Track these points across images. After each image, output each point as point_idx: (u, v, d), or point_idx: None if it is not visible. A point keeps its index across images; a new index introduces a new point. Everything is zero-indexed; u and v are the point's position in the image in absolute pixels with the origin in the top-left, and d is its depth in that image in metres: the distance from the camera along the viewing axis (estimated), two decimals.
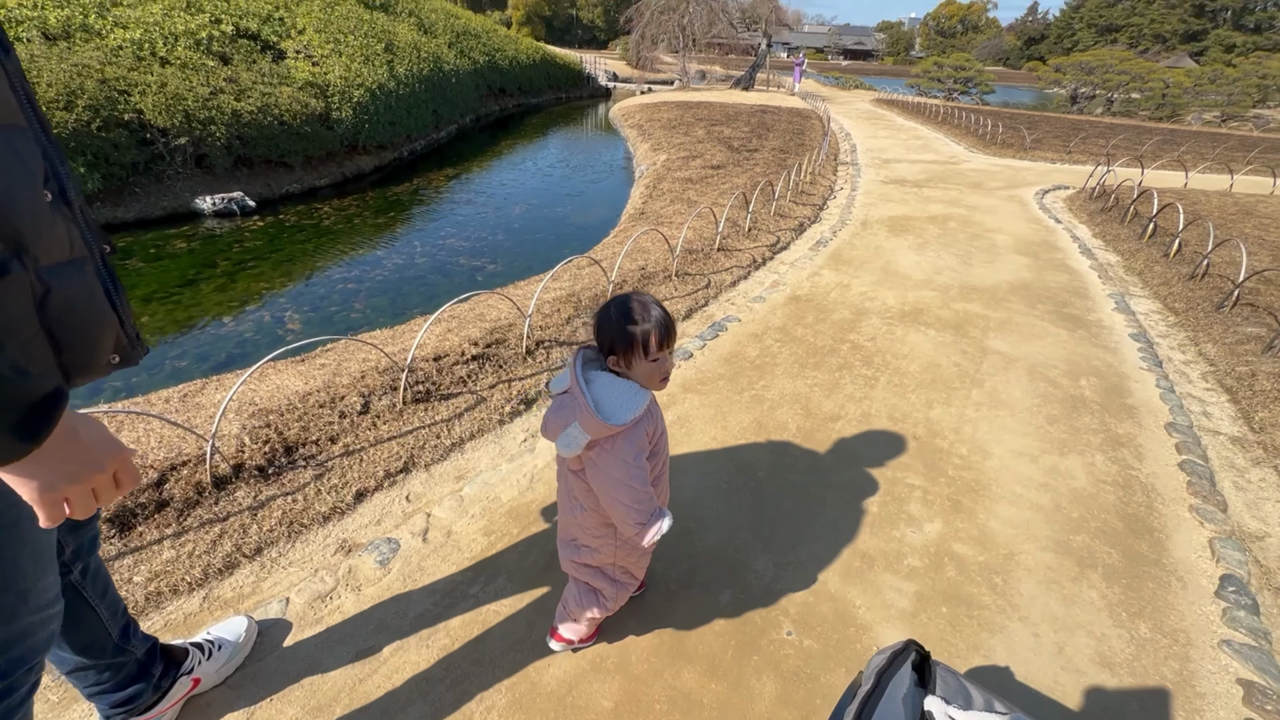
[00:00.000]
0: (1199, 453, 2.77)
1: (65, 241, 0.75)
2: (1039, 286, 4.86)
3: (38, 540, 0.90)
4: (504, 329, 3.34)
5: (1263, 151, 14.37)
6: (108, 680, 1.27)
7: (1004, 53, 75.06)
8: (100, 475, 0.78)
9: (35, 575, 0.90)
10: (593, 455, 1.33)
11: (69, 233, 0.75)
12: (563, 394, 1.36)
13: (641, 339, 1.31)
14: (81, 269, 0.77)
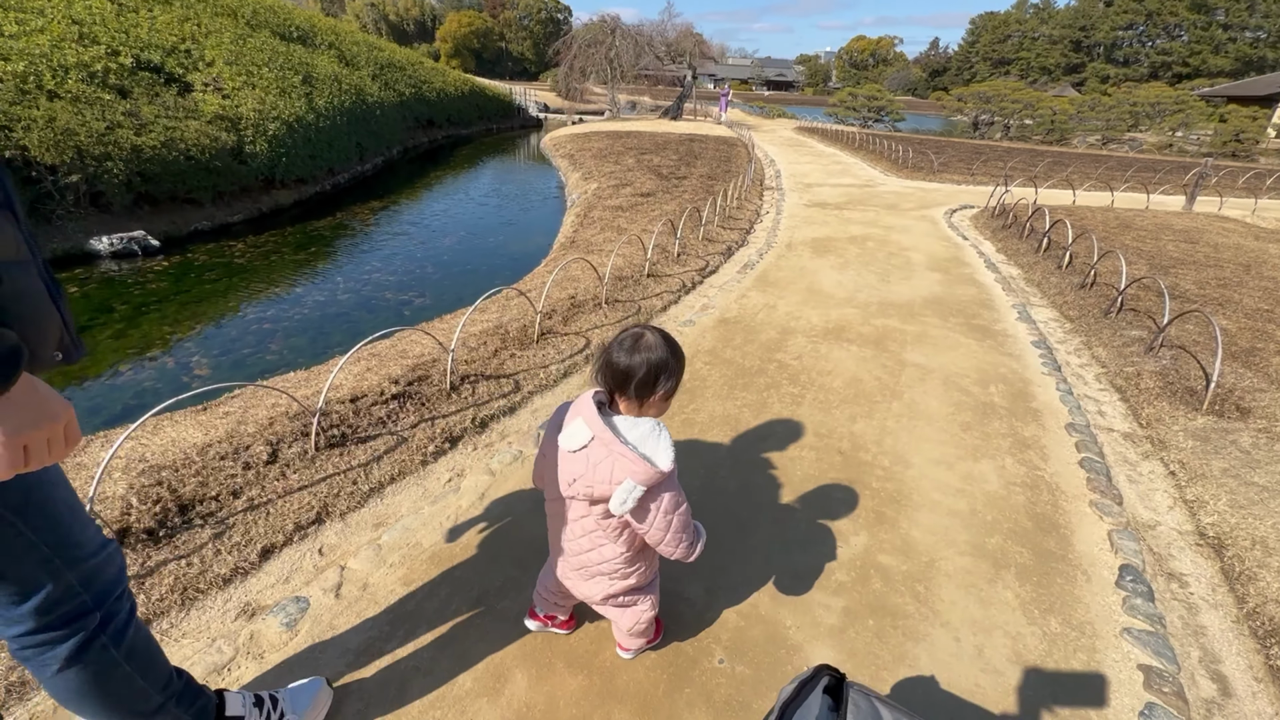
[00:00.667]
0: (1096, 450, 2.97)
1: (13, 243, 0.79)
2: (950, 300, 5.15)
3: (69, 500, 1.06)
4: (427, 365, 3.23)
5: (1137, 171, 15.92)
6: None
7: (912, 83, 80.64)
8: (55, 425, 0.85)
9: (79, 528, 1.07)
10: (647, 506, 1.34)
11: (15, 236, 0.80)
12: (579, 450, 1.33)
13: (666, 379, 1.33)
14: (28, 269, 0.82)
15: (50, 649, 1.06)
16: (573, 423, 1.34)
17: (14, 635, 1.04)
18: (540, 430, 1.45)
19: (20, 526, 0.98)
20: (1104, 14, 65.67)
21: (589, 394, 1.38)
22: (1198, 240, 7.26)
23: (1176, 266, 5.94)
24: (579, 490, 1.35)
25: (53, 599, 1.04)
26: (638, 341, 1.31)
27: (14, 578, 1.00)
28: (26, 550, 1.00)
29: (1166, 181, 14.04)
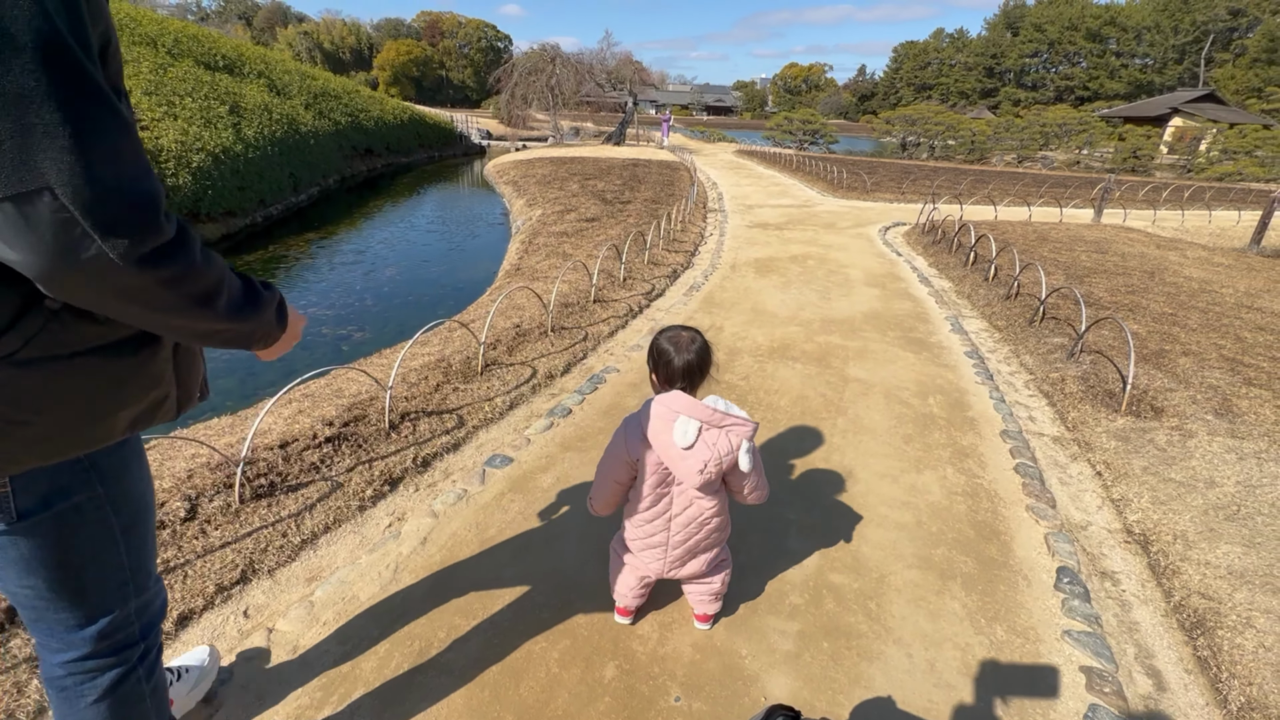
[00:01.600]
0: (1029, 455, 3.09)
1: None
2: (888, 315, 5.34)
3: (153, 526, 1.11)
4: (364, 404, 3.09)
5: (1050, 186, 17.08)
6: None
7: (843, 108, 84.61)
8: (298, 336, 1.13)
9: (150, 556, 1.12)
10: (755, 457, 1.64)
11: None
12: (695, 443, 1.54)
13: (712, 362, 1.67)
14: None
15: (95, 678, 1.06)
16: (676, 423, 1.54)
17: (64, 661, 1.04)
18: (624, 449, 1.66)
19: (122, 547, 1.03)
20: (1012, 43, 70.92)
21: (670, 398, 1.57)
22: (1107, 250, 7.80)
23: (1090, 275, 6.35)
24: (712, 471, 1.55)
25: (115, 625, 1.06)
26: (691, 342, 1.61)
27: (94, 598, 1.02)
28: (116, 571, 1.03)
29: (1076, 196, 15.10)
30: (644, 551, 1.77)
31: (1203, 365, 3.96)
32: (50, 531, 0.94)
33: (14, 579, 0.97)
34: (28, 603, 1.00)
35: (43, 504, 0.92)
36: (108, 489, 0.99)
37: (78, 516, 0.96)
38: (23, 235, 0.66)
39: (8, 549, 0.94)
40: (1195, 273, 6.89)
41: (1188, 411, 3.35)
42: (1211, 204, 15.48)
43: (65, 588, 0.99)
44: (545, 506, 2.54)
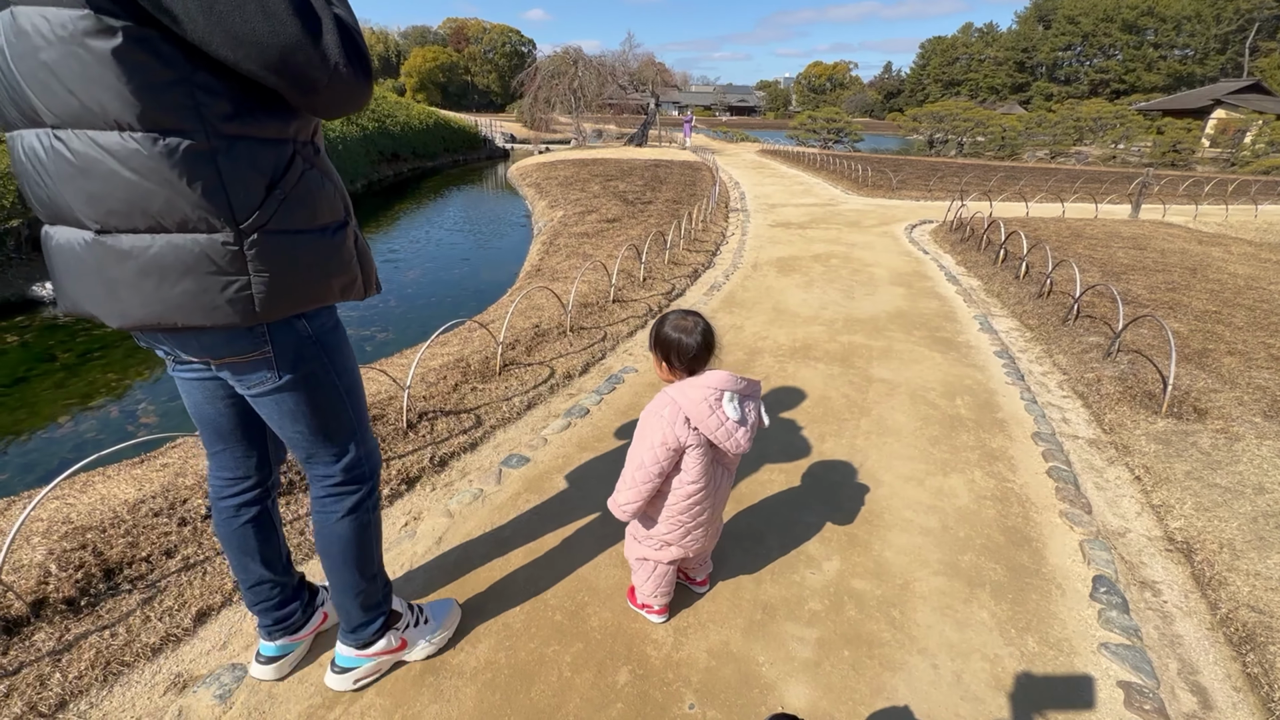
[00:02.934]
0: (1063, 458, 2.97)
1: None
2: (914, 314, 5.21)
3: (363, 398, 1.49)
4: (383, 403, 3.11)
5: (1085, 182, 16.58)
6: (275, 596, 1.62)
7: (868, 105, 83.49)
8: None
9: (367, 417, 1.50)
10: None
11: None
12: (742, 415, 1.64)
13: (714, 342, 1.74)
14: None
15: (343, 498, 1.47)
16: (724, 399, 1.62)
17: (326, 485, 1.46)
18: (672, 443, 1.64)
19: (348, 405, 1.42)
20: (1044, 36, 69.13)
21: (709, 379, 1.63)
22: (1145, 246, 7.52)
23: (1127, 273, 6.12)
24: (751, 436, 1.66)
25: (354, 461, 1.46)
26: (695, 326, 1.67)
27: (336, 441, 1.42)
28: (347, 421, 1.43)
29: (1113, 191, 14.63)
30: (687, 537, 1.76)
31: (1250, 365, 3.77)
32: (301, 389, 1.31)
33: (289, 426, 1.36)
34: (301, 443, 1.40)
35: (292, 368, 1.27)
36: (331, 360, 1.35)
37: (315, 380, 1.32)
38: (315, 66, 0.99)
39: (282, 402, 1.32)
40: (1241, 269, 6.59)
41: (1234, 413, 3.19)
42: (1258, 198, 14.84)
43: (319, 432, 1.38)
44: (561, 507, 2.52)
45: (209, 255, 1.06)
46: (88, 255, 1.05)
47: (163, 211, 1.01)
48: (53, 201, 1.03)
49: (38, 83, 0.93)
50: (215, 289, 1.08)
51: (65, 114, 0.94)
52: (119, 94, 0.92)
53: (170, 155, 0.98)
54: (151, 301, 1.07)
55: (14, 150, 1.04)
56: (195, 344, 1.18)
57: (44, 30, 0.88)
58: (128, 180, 0.98)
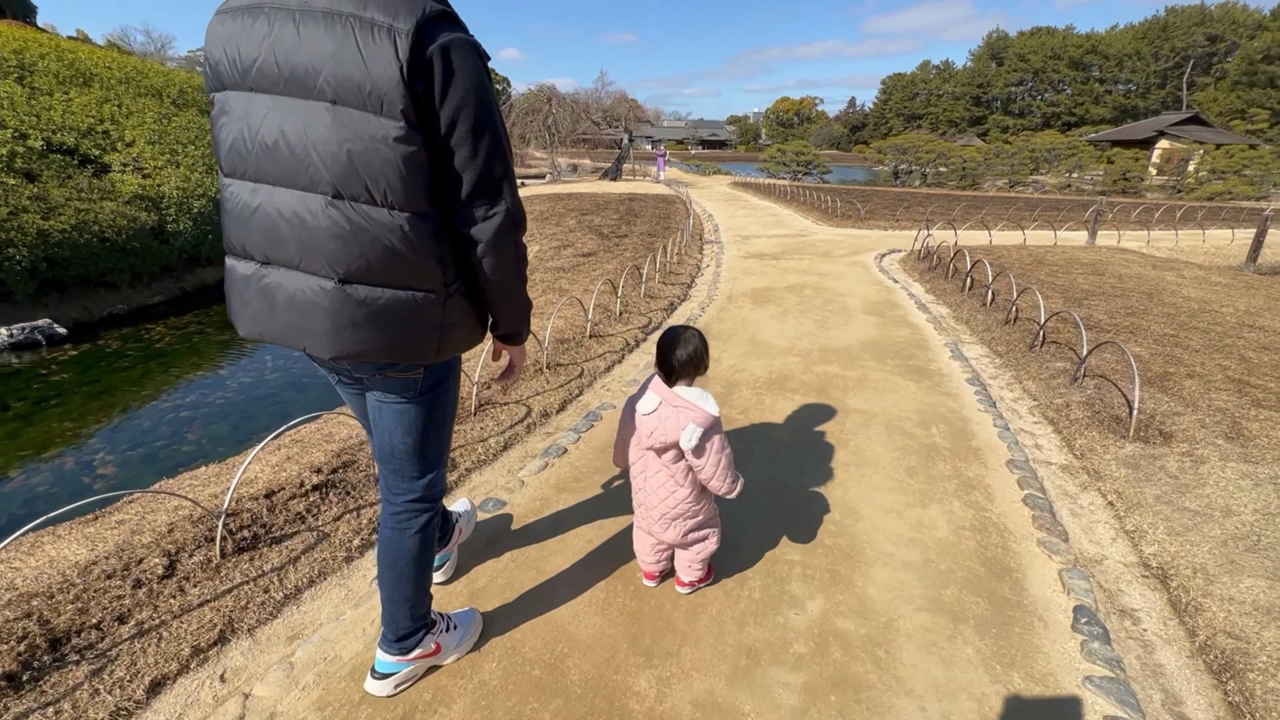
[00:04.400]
0: (1037, 486, 3.00)
1: None
2: (886, 343, 5.29)
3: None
4: (354, 449, 3.03)
5: (1043, 210, 17.25)
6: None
7: (835, 138, 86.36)
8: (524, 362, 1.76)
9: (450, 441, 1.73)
10: (704, 444, 1.87)
11: None
12: (652, 412, 1.87)
13: (705, 359, 1.97)
14: None
15: (417, 516, 1.63)
16: (646, 395, 1.91)
17: (405, 500, 1.62)
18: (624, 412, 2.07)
19: (449, 425, 1.65)
20: (997, 73, 72.68)
21: (653, 380, 1.93)
22: (1103, 272, 7.80)
23: (1088, 298, 6.32)
24: (655, 440, 1.87)
25: (433, 481, 1.65)
26: (686, 341, 1.91)
27: (427, 461, 1.61)
28: (443, 441, 1.64)
29: (1069, 219, 15.24)
30: (639, 509, 2.10)
31: (1209, 387, 3.89)
32: (427, 405, 1.54)
33: (401, 434, 1.55)
34: (403, 453, 1.59)
35: (430, 388, 1.52)
36: (453, 384, 1.61)
37: (435, 404, 1.56)
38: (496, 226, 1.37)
39: (406, 414, 1.53)
40: (1194, 292, 6.87)
41: (1198, 436, 3.27)
42: (1204, 223, 15.59)
43: (420, 447, 1.58)
44: (539, 554, 2.45)
45: (422, 308, 1.35)
46: (323, 300, 1.30)
47: (399, 271, 1.30)
48: (291, 251, 1.28)
49: (334, 161, 1.20)
50: (420, 334, 1.38)
51: (347, 187, 1.22)
52: (403, 183, 1.23)
53: (420, 231, 1.29)
54: (371, 340, 1.34)
55: (248, 202, 1.30)
56: (371, 366, 1.45)
57: (357, 127, 1.18)
58: (383, 245, 1.26)
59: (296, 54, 1.17)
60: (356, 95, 1.17)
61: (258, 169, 1.26)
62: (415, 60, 1.15)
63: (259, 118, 1.23)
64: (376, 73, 1.15)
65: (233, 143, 1.27)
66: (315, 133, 1.19)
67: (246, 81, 1.22)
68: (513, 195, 1.37)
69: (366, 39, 1.14)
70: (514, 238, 1.40)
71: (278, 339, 1.38)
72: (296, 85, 1.19)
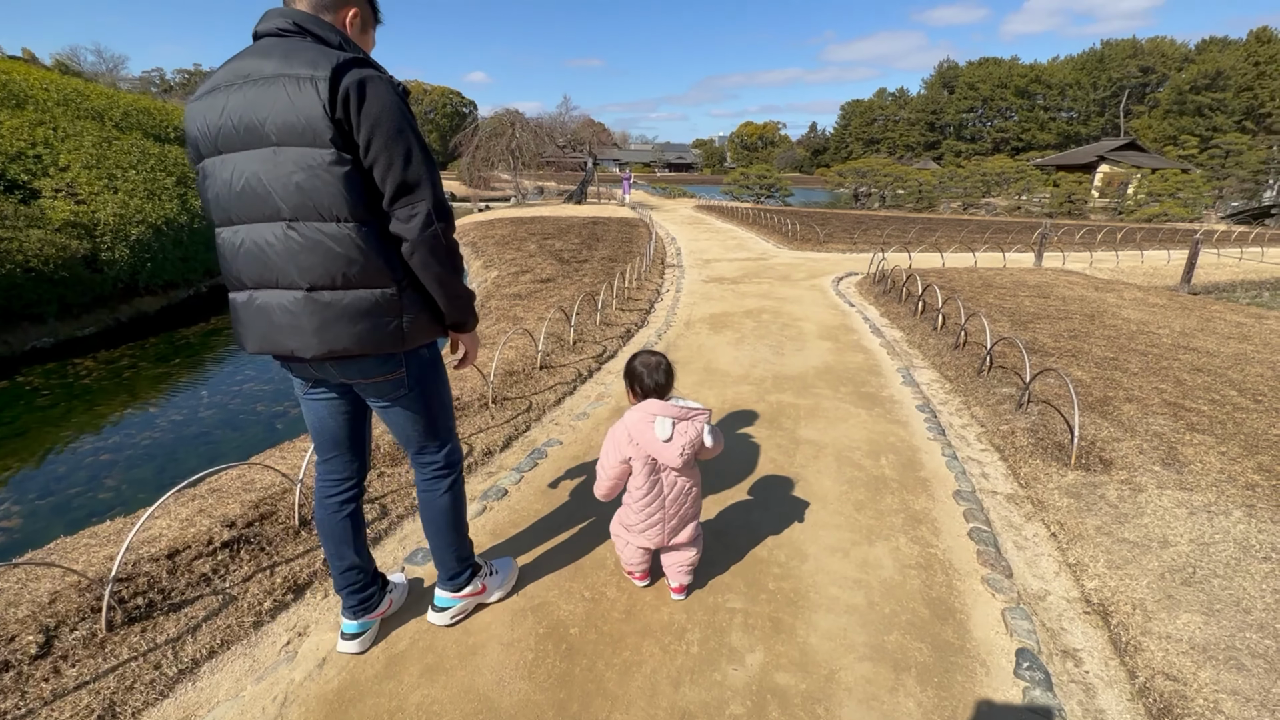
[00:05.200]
0: (983, 518, 2.98)
1: None
2: (840, 369, 5.30)
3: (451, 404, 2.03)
4: (275, 498, 2.84)
5: (994, 233, 17.86)
6: (360, 580, 2.01)
7: (798, 161, 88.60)
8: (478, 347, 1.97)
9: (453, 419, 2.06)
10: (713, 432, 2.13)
11: None
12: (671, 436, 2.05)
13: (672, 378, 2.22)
14: None
15: (443, 479, 1.97)
16: (654, 424, 2.04)
17: (431, 469, 1.96)
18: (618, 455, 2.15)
19: (448, 408, 1.97)
20: (949, 100, 75.89)
21: (646, 405, 2.09)
22: (1049, 294, 8.04)
23: (1034, 321, 6.48)
24: (689, 453, 2.06)
25: (450, 449, 1.98)
26: (659, 365, 2.18)
27: (440, 436, 1.94)
28: (446, 421, 1.96)
29: (1018, 241, 15.79)
30: (647, 530, 2.20)
31: (1146, 411, 3.97)
32: (421, 398, 1.83)
33: (410, 425, 1.87)
34: (417, 438, 1.91)
35: (418, 380, 1.80)
36: (438, 377, 1.89)
37: (430, 391, 1.85)
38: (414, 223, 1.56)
39: (409, 406, 1.82)
40: (1133, 314, 7.11)
41: (1135, 463, 3.31)
42: (1143, 245, 16.33)
43: (430, 429, 1.90)
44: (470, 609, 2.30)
45: (381, 303, 1.58)
46: (297, 308, 1.53)
47: (354, 275, 1.53)
48: (270, 272, 1.53)
49: (286, 192, 1.46)
50: (384, 326, 1.60)
51: (299, 210, 1.47)
52: (343, 198, 1.47)
53: (366, 237, 1.52)
54: (342, 336, 1.56)
55: (233, 241, 1.55)
56: (355, 369, 1.68)
57: (299, 160, 1.44)
58: (336, 253, 1.50)
59: (247, 113, 1.45)
60: (294, 134, 1.43)
61: (235, 213, 1.52)
62: (334, 97, 1.41)
63: (229, 171, 1.50)
64: (306, 113, 1.41)
65: (216, 196, 1.53)
66: (268, 171, 1.46)
67: (217, 146, 1.50)
68: (433, 194, 1.57)
69: (294, 89, 1.42)
70: (437, 231, 1.58)
71: (271, 348, 1.63)
72: (251, 137, 1.46)
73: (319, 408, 1.87)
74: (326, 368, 1.67)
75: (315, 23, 1.54)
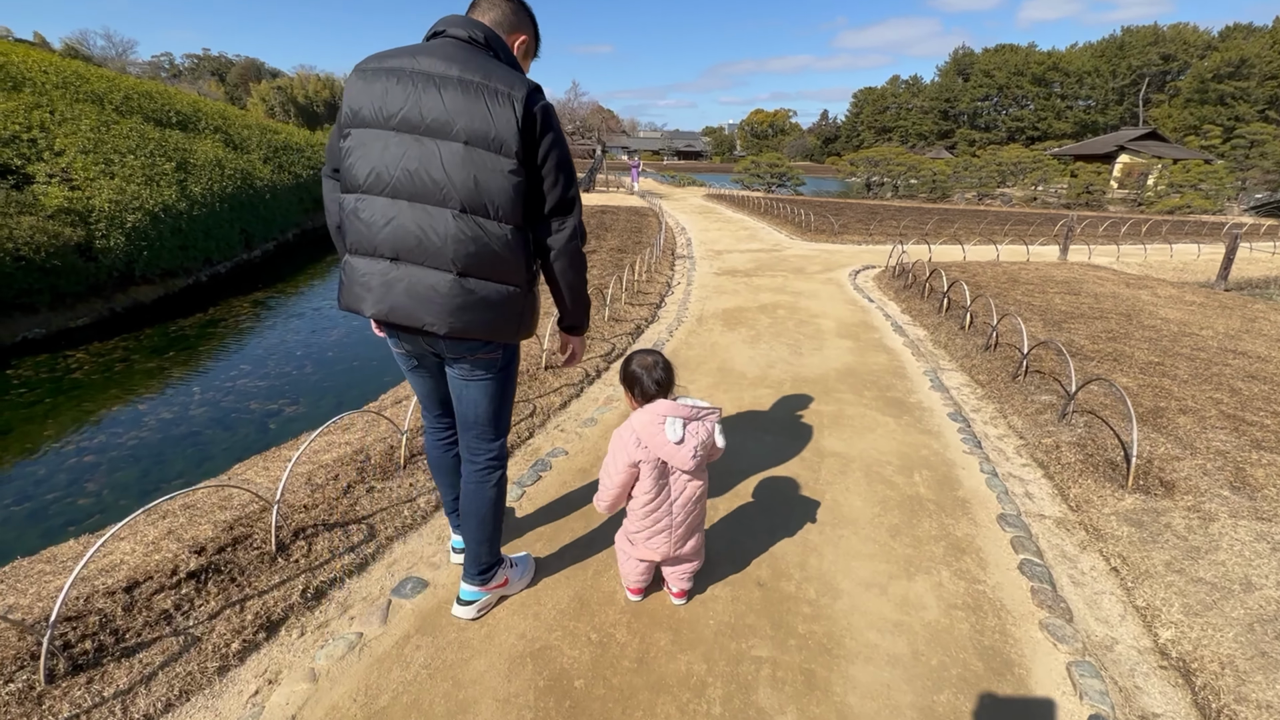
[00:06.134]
0: (1033, 548, 2.68)
1: None
2: (863, 371, 4.99)
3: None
4: (252, 518, 2.58)
5: (1014, 224, 17.37)
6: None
7: (809, 150, 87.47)
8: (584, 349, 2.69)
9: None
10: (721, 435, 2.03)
11: None
12: (683, 438, 1.92)
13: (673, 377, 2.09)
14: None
15: (492, 472, 2.05)
16: (664, 425, 1.91)
17: (484, 459, 2.04)
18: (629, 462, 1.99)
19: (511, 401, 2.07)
20: (964, 88, 74.41)
21: (655, 407, 1.96)
22: (1079, 291, 7.66)
23: (1067, 320, 6.13)
24: (701, 455, 1.95)
25: (502, 445, 2.07)
26: (656, 364, 2.04)
27: (498, 427, 2.04)
28: (507, 415, 2.07)
29: (1040, 233, 15.32)
30: (652, 539, 2.08)
31: (1204, 425, 3.65)
32: (502, 380, 1.96)
33: (485, 404, 1.96)
34: (481, 419, 1.98)
35: (505, 365, 1.95)
36: (517, 363, 2.03)
37: (506, 379, 1.98)
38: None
39: (487, 388, 1.94)
40: (1171, 313, 6.74)
41: (1201, 486, 2.99)
42: (1169, 238, 15.81)
43: (495, 415, 2.00)
44: (459, 653, 2.04)
45: (510, 298, 1.74)
46: (445, 288, 1.66)
47: (499, 269, 1.69)
48: (423, 251, 1.64)
49: (465, 186, 1.60)
50: (508, 318, 1.77)
51: (471, 204, 1.62)
52: (510, 203, 1.64)
53: (515, 240, 1.69)
54: (474, 321, 1.71)
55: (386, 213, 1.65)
56: (465, 346, 1.81)
57: (482, 162, 1.60)
58: (491, 249, 1.66)
59: (438, 108, 1.58)
60: (483, 139, 1.59)
61: (395, 189, 1.63)
62: (525, 117, 1.59)
63: (400, 151, 1.61)
64: (500, 124, 1.59)
65: (373, 168, 1.63)
66: (451, 164, 1.59)
67: (390, 124, 1.61)
68: (578, 214, 1.79)
69: (493, 101, 1.58)
70: (578, 245, 1.81)
71: (396, 317, 1.72)
72: (436, 129, 1.59)
73: (425, 378, 2.08)
74: (439, 342, 1.83)
75: (498, 41, 1.73)
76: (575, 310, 1.98)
